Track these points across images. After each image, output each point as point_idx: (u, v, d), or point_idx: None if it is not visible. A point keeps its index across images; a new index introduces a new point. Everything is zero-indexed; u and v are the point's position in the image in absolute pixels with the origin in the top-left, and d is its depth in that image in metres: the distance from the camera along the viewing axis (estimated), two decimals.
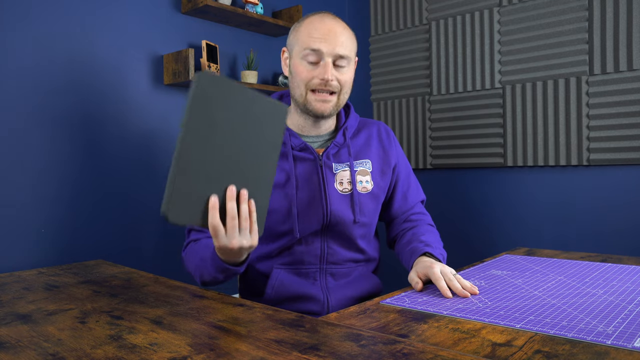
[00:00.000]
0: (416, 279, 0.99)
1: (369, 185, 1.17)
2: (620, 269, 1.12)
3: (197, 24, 2.14)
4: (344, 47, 1.09)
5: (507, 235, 2.34)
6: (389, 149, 1.23)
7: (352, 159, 1.17)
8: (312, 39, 1.07)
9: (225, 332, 0.69)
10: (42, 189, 1.67)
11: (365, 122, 1.27)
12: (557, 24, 2.13)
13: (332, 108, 1.12)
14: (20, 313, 0.80)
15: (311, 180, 1.13)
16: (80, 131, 1.77)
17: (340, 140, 1.17)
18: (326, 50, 1.07)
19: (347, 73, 1.11)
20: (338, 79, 1.09)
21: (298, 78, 1.10)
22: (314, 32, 1.08)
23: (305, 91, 1.10)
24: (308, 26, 1.10)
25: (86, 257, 1.76)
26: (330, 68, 1.07)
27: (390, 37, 2.68)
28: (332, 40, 1.07)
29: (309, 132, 1.18)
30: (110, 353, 0.61)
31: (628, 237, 2.02)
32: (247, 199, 0.81)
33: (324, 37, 1.07)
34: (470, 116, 2.40)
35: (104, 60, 1.84)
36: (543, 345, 0.66)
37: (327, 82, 1.07)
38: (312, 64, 1.09)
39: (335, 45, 1.07)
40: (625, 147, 1.98)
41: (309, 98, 1.10)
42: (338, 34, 1.08)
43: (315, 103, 1.10)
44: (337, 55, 1.08)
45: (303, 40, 1.09)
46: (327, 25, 1.08)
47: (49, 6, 1.69)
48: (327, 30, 1.08)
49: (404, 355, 0.59)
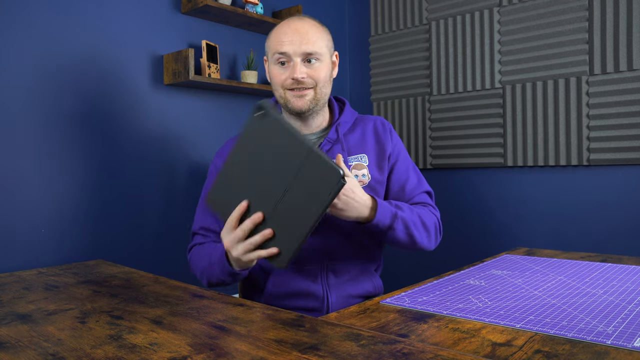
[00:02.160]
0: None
1: (365, 178, 1.17)
2: (620, 269, 1.12)
3: (197, 24, 2.14)
4: (311, 44, 1.12)
5: (507, 235, 2.34)
6: (385, 142, 1.23)
7: (346, 154, 1.17)
8: (279, 43, 1.12)
9: (225, 332, 0.69)
10: (42, 189, 1.67)
11: (362, 118, 1.28)
12: (557, 24, 2.13)
13: (309, 102, 1.14)
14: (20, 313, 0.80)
15: None
16: (80, 131, 1.77)
17: (333, 137, 1.18)
18: (292, 51, 1.11)
19: (319, 68, 1.13)
20: (310, 75, 1.12)
21: (274, 81, 1.16)
22: (280, 36, 1.13)
23: (282, 91, 1.15)
24: (276, 31, 1.15)
25: (86, 257, 1.76)
26: (299, 67, 1.11)
27: (390, 37, 2.68)
28: (296, 41, 1.11)
29: (301, 129, 1.20)
30: (110, 353, 0.61)
31: (628, 237, 2.02)
32: (266, 234, 0.88)
33: (290, 39, 1.11)
34: (470, 116, 2.40)
35: (104, 60, 1.84)
36: (543, 345, 0.66)
37: (299, 81, 1.11)
38: (283, 66, 1.14)
39: (300, 44, 1.11)
40: (625, 147, 1.99)
41: (287, 96, 1.14)
42: (303, 33, 1.12)
43: (293, 100, 1.14)
44: (305, 54, 1.11)
45: (272, 45, 1.14)
46: (292, 26, 1.13)
47: (49, 6, 1.69)
48: (292, 31, 1.12)
49: (404, 355, 0.59)
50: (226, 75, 2.26)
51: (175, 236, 2.04)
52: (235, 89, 2.17)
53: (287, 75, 1.12)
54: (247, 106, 2.34)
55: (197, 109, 2.14)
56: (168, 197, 2.03)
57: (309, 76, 1.12)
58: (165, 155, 2.02)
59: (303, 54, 1.11)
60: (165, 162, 2.02)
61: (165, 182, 2.02)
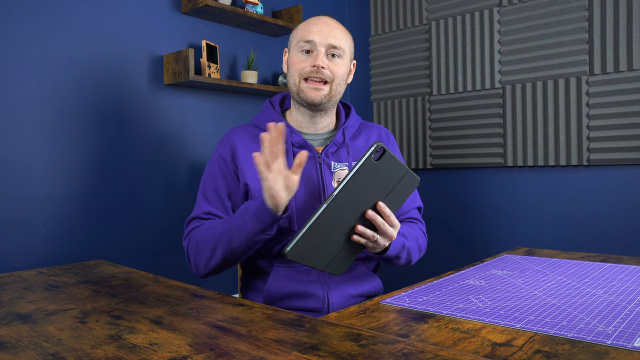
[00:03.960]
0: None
1: None
2: (620, 269, 1.12)
3: (197, 24, 2.14)
4: (337, 39, 1.14)
5: (507, 235, 2.34)
6: None
7: (351, 159, 1.18)
8: (306, 32, 1.14)
9: (225, 332, 0.69)
10: (42, 189, 1.67)
11: (367, 124, 1.29)
12: (557, 24, 2.13)
13: (324, 97, 1.14)
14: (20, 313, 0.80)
15: (310, 177, 1.14)
16: (80, 131, 1.77)
17: (339, 140, 1.19)
18: (319, 40, 1.12)
19: (339, 65, 1.15)
20: (330, 68, 1.13)
21: (292, 68, 1.15)
22: (309, 26, 1.15)
23: (298, 80, 1.14)
24: (305, 23, 1.17)
25: (86, 257, 1.76)
26: (322, 56, 1.12)
27: (390, 37, 2.68)
28: (324, 32, 1.13)
29: (308, 129, 1.20)
30: (110, 353, 0.61)
31: (628, 237, 2.02)
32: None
33: (318, 30, 1.13)
34: (470, 116, 2.40)
35: (104, 60, 1.84)
36: (543, 345, 0.66)
37: (319, 69, 1.11)
38: (306, 54, 1.14)
39: (327, 35, 1.13)
40: (625, 147, 1.98)
41: (302, 86, 1.14)
42: (332, 28, 1.14)
43: (308, 91, 1.13)
44: (330, 45, 1.13)
45: (299, 34, 1.15)
46: (322, 20, 1.16)
47: (49, 7, 1.69)
48: (322, 23, 1.14)
49: (404, 355, 0.59)
50: (226, 75, 2.26)
51: (175, 236, 2.04)
52: (235, 89, 2.17)
53: (307, 63, 1.13)
54: (247, 106, 2.34)
55: (197, 109, 2.14)
56: (168, 197, 2.03)
57: (328, 68, 1.13)
58: (165, 155, 2.02)
59: (329, 45, 1.13)
60: (165, 162, 2.02)
61: (165, 182, 2.02)
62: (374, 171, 0.87)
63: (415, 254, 1.16)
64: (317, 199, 1.13)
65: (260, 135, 0.94)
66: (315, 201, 1.13)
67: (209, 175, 1.18)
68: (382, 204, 0.91)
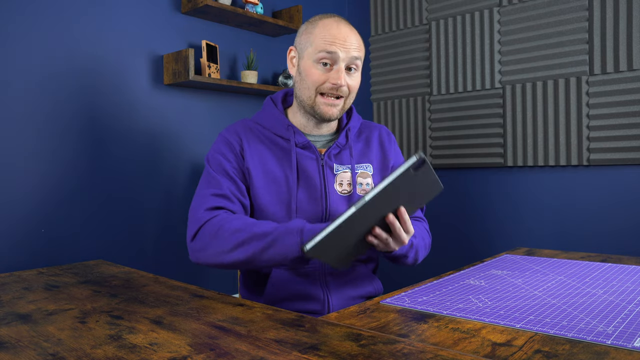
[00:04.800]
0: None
1: (369, 187, 1.17)
2: (620, 269, 1.12)
3: (197, 24, 2.14)
4: (358, 50, 1.10)
5: (507, 235, 2.34)
6: (388, 153, 1.24)
7: (354, 162, 1.17)
8: (329, 42, 1.07)
9: (225, 332, 0.69)
10: (43, 189, 1.67)
11: (368, 124, 1.28)
12: (557, 24, 2.13)
13: (338, 112, 1.13)
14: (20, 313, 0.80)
15: (312, 178, 1.13)
16: (80, 131, 1.77)
17: (342, 141, 1.18)
18: (342, 55, 1.07)
19: (356, 78, 1.13)
20: (348, 85, 1.10)
21: (309, 80, 1.10)
22: (329, 36, 1.07)
23: (314, 94, 1.10)
24: (323, 29, 1.09)
25: (86, 257, 1.76)
26: (344, 73, 1.08)
27: (390, 37, 2.68)
28: (348, 45, 1.08)
29: (311, 131, 1.19)
30: (110, 353, 0.61)
31: (628, 237, 2.02)
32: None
33: (341, 42, 1.07)
34: (470, 116, 2.40)
35: (104, 60, 1.84)
36: (543, 345, 0.66)
37: (339, 88, 1.08)
38: (325, 67, 1.08)
39: (350, 48, 1.08)
40: (625, 147, 1.98)
41: (318, 101, 1.10)
42: (354, 40, 1.09)
43: (323, 107, 1.10)
44: (353, 58, 1.09)
45: (318, 43, 1.08)
46: (343, 30, 1.09)
47: (49, 7, 1.69)
48: (344, 35, 1.08)
49: (404, 355, 0.59)
50: (226, 75, 2.26)
51: (175, 236, 2.04)
52: (235, 89, 2.17)
53: (326, 77, 1.08)
54: (247, 106, 2.34)
55: (197, 109, 2.14)
56: (168, 197, 2.03)
57: (347, 85, 1.10)
58: (165, 155, 2.02)
59: (351, 59, 1.08)
60: (165, 162, 2.02)
61: (165, 182, 2.02)
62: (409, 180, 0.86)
63: (422, 253, 1.15)
64: (318, 201, 1.12)
65: None
66: (317, 203, 1.11)
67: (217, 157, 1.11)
68: (404, 209, 0.90)
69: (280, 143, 1.15)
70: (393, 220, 0.89)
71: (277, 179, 1.11)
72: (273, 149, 1.15)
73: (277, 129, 1.16)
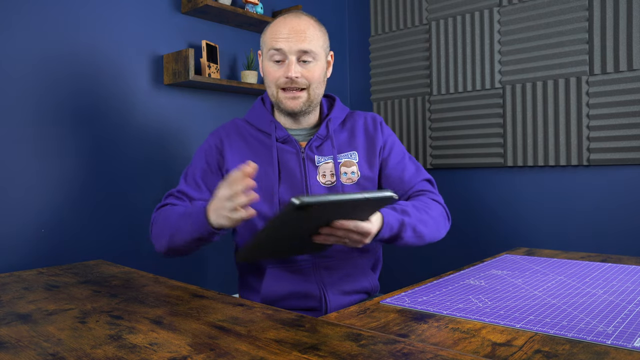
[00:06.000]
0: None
1: (354, 176, 1.17)
2: (620, 269, 1.12)
3: (197, 24, 2.14)
4: (307, 43, 1.11)
5: (507, 235, 2.34)
6: (375, 137, 1.22)
7: (336, 152, 1.17)
8: (274, 39, 1.11)
9: (225, 332, 0.69)
10: (42, 189, 1.67)
11: (353, 114, 1.27)
12: (557, 24, 2.13)
13: (302, 104, 1.14)
14: (20, 313, 0.80)
15: (293, 172, 1.15)
16: (80, 131, 1.77)
17: (323, 133, 1.19)
18: (287, 48, 1.10)
19: (313, 68, 1.13)
20: (304, 75, 1.12)
21: (268, 79, 1.15)
22: (276, 32, 1.11)
23: (276, 90, 1.14)
24: (272, 27, 1.13)
25: (86, 257, 1.76)
26: (294, 66, 1.10)
27: (390, 37, 2.68)
28: (293, 38, 1.10)
29: (292, 126, 1.21)
30: (110, 353, 0.61)
31: (628, 237, 2.02)
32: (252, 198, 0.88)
33: (286, 36, 1.10)
34: (470, 116, 2.40)
35: (104, 60, 1.84)
36: (543, 345, 0.66)
37: (293, 80, 1.11)
38: (277, 64, 1.12)
39: (296, 42, 1.10)
40: (625, 147, 1.98)
41: (280, 96, 1.14)
42: (300, 32, 1.10)
43: (285, 101, 1.14)
44: (300, 51, 1.10)
45: (268, 41, 1.13)
46: (290, 23, 1.11)
47: (49, 6, 1.69)
48: (289, 28, 1.10)
49: (404, 355, 0.59)
50: (226, 75, 2.26)
51: None
52: (235, 89, 2.17)
53: (280, 73, 1.12)
54: (247, 106, 2.34)
55: (197, 109, 2.14)
56: None
57: (302, 76, 1.11)
58: (165, 155, 2.02)
59: (298, 52, 1.10)
60: (165, 162, 2.02)
61: (165, 182, 2.02)
62: (328, 210, 0.78)
63: (428, 227, 1.09)
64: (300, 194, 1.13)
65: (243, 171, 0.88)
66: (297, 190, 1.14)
67: (195, 159, 1.21)
68: (339, 222, 0.86)
69: (263, 140, 1.19)
70: (330, 230, 0.87)
71: (258, 176, 1.14)
72: (255, 147, 1.18)
73: (262, 125, 1.19)
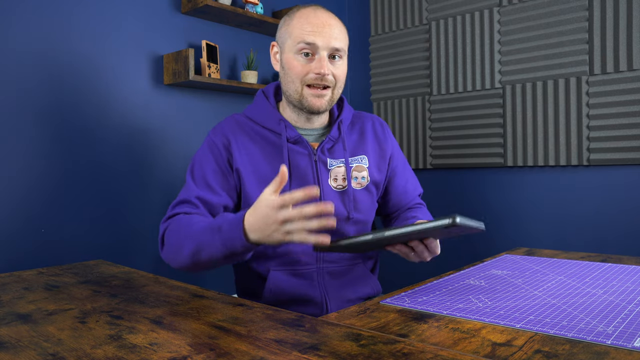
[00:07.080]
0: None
1: (364, 181, 1.15)
2: (620, 269, 1.12)
3: (197, 24, 2.14)
4: (339, 40, 1.07)
5: (507, 235, 2.34)
6: (384, 143, 1.22)
7: (348, 155, 1.15)
8: (306, 32, 1.05)
9: (225, 332, 0.69)
10: (42, 189, 1.67)
11: (360, 115, 1.25)
12: (557, 24, 2.13)
13: (327, 103, 1.10)
14: (20, 313, 0.80)
15: (305, 175, 1.11)
16: (80, 131, 1.77)
17: (335, 134, 1.15)
18: (321, 43, 1.05)
19: (341, 67, 1.10)
20: (333, 74, 1.08)
21: (293, 73, 1.08)
22: (307, 25, 1.05)
23: (300, 86, 1.08)
24: (301, 19, 1.07)
25: (86, 257, 1.76)
26: (326, 62, 1.05)
27: (390, 37, 2.68)
28: (327, 34, 1.05)
29: (303, 125, 1.16)
30: (110, 353, 0.61)
31: (628, 237, 2.02)
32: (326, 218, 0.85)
33: (319, 31, 1.04)
34: (470, 116, 2.40)
35: (104, 60, 1.84)
36: (543, 345, 0.66)
37: (323, 77, 1.05)
38: (306, 58, 1.06)
39: (330, 38, 1.05)
40: (625, 147, 1.98)
41: (305, 93, 1.08)
42: (332, 27, 1.06)
43: (311, 98, 1.08)
44: (333, 49, 1.06)
45: (296, 34, 1.06)
46: (321, 18, 1.06)
47: (48, 5, 1.69)
48: (322, 23, 1.05)
49: (404, 355, 0.59)
50: (226, 75, 2.26)
51: None
52: (235, 89, 2.17)
53: (309, 68, 1.06)
54: (247, 106, 2.34)
55: (197, 109, 2.14)
56: (168, 197, 2.03)
57: (332, 74, 1.07)
58: (165, 155, 2.02)
59: (332, 48, 1.06)
60: (165, 162, 2.02)
61: (165, 182, 2.02)
62: (439, 230, 0.84)
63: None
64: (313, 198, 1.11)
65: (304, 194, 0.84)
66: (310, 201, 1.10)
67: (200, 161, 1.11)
68: (430, 240, 0.93)
69: (271, 138, 1.12)
70: (415, 244, 0.92)
71: (269, 178, 1.09)
72: (263, 146, 1.12)
73: (269, 123, 1.13)
